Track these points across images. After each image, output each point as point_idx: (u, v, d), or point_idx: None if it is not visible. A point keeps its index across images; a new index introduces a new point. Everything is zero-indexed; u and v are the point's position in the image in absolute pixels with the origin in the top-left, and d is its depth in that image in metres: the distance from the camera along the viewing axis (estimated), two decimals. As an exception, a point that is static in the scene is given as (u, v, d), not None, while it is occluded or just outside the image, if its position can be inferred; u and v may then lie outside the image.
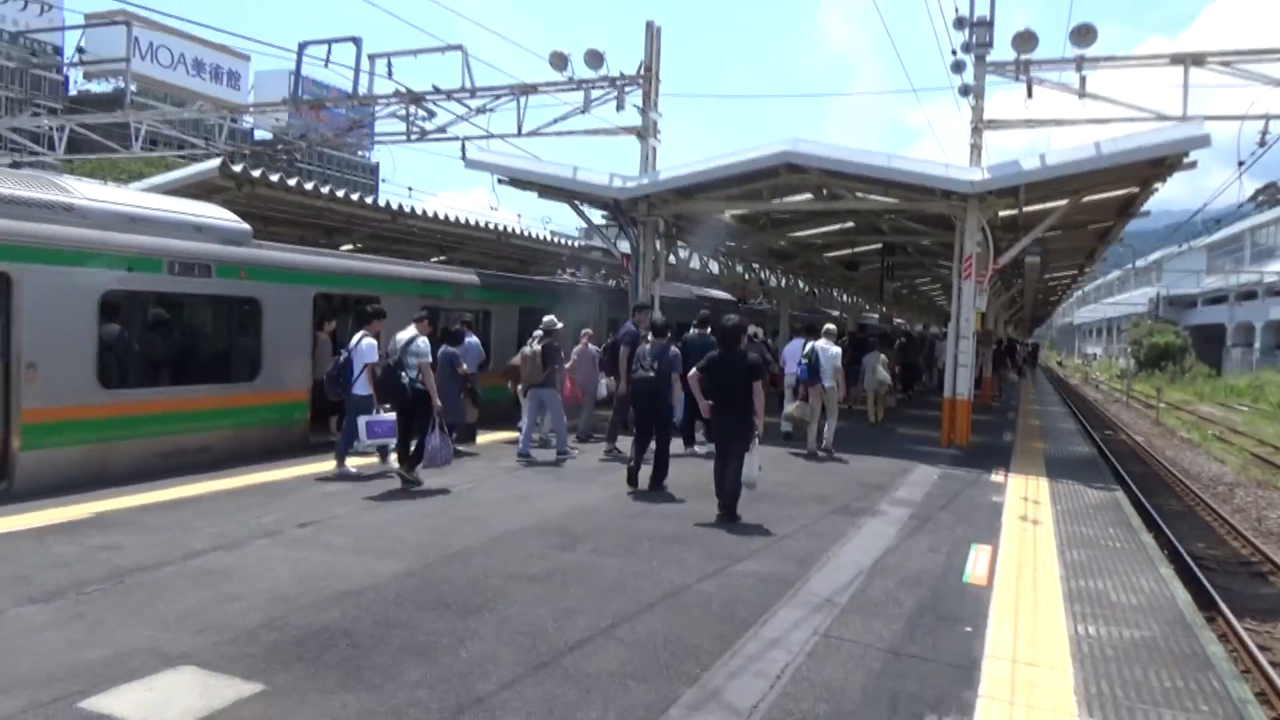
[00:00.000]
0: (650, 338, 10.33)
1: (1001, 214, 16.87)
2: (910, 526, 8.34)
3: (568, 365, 13.02)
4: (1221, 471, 22.06)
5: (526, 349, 11.88)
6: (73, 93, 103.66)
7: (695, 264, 20.00)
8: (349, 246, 20.68)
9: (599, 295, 19.58)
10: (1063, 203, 14.64)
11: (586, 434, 13.31)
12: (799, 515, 8.54)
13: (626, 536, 7.33)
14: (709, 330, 11.49)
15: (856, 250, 25.87)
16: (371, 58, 18.71)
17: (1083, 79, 14.06)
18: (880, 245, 23.63)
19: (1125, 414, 38.85)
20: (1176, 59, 13.88)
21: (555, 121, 17.26)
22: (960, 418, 14.38)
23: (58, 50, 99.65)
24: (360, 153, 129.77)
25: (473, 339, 12.71)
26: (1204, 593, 10.93)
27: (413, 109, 18.64)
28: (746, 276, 23.89)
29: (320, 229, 19.38)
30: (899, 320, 47.50)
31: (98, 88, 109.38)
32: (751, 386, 8.23)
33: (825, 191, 16.54)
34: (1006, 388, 31.87)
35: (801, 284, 28.67)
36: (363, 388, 9.47)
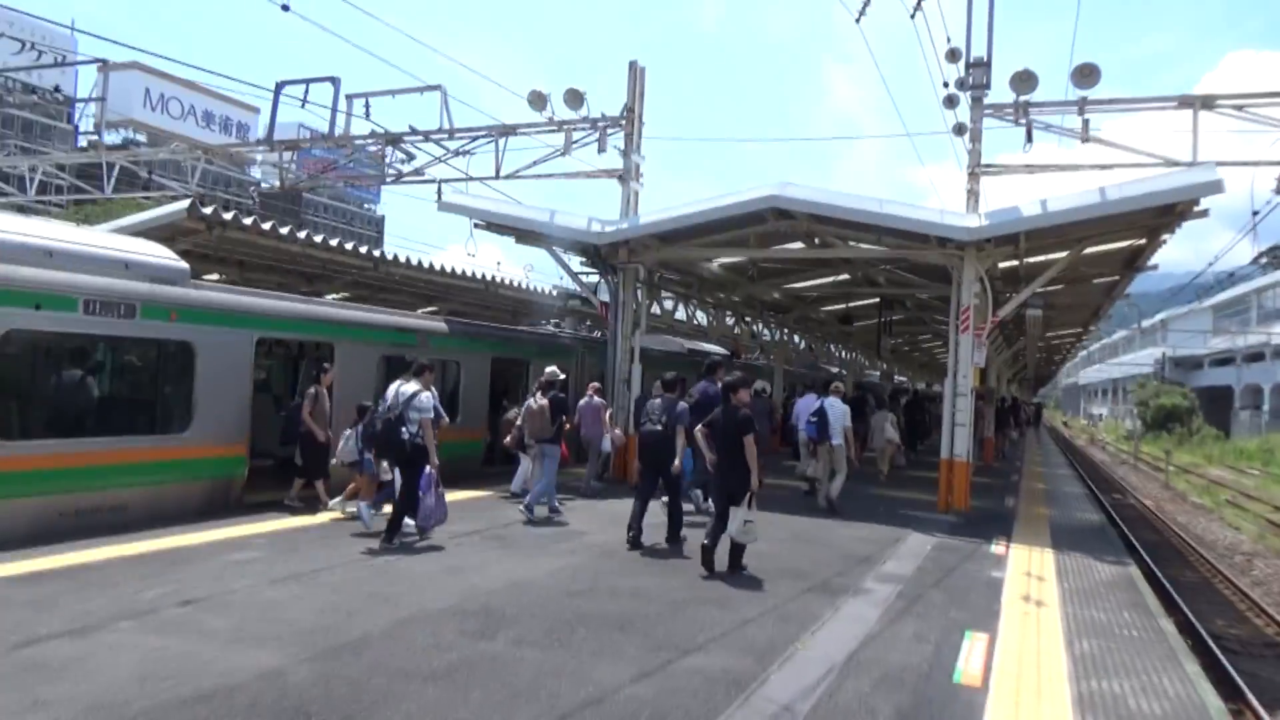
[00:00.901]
0: (661, 392, 10.17)
1: (1001, 265, 16.03)
2: (896, 608, 7.29)
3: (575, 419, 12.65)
4: (1237, 540, 20.86)
5: (532, 402, 11.39)
6: (82, 144, 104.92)
7: (681, 314, 19.12)
8: (335, 296, 19.95)
9: (579, 345, 18.68)
10: (1065, 254, 13.76)
11: (593, 489, 13.08)
12: (770, 594, 7.50)
13: (562, 620, 6.30)
14: (714, 378, 10.94)
15: (852, 305, 25.08)
16: (349, 98, 18.05)
17: (1085, 122, 13.27)
18: (877, 299, 22.86)
19: (1133, 477, 37.62)
20: (1185, 101, 13.10)
21: (535, 164, 16.53)
22: (959, 481, 13.34)
23: (69, 100, 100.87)
24: (366, 205, 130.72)
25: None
26: (1228, 679, 9.83)
27: (390, 150, 17.95)
28: (738, 329, 22.99)
29: (300, 276, 18.59)
30: (901, 378, 46.60)
31: (109, 138, 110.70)
32: (743, 442, 8.18)
33: (817, 240, 15.73)
34: (1010, 448, 30.75)
35: (797, 339, 27.77)
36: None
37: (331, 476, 10.95)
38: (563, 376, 12.07)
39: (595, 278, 16.46)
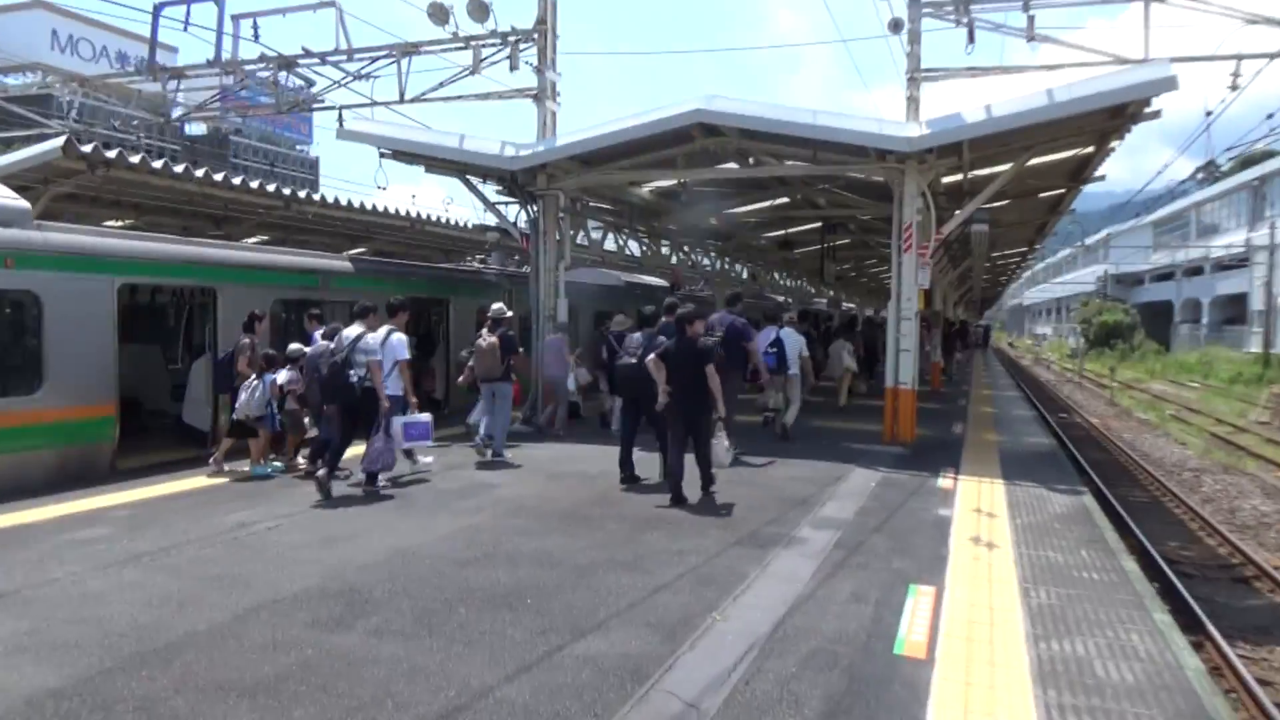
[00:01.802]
0: (640, 327, 10.14)
1: (945, 181, 15.18)
2: (833, 561, 6.47)
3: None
4: (1184, 455, 20.64)
5: (482, 341, 10.88)
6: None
7: (611, 245, 18.02)
8: (254, 240, 18.49)
9: (507, 282, 17.54)
10: (1011, 165, 12.87)
11: (556, 427, 12.94)
12: (692, 549, 6.63)
13: (441, 599, 5.36)
14: (736, 309, 11.45)
15: (794, 230, 24.12)
16: (235, 19, 16.43)
17: (1031, 19, 12.31)
18: (820, 224, 21.94)
19: (1079, 394, 37.68)
20: (1136, -7, 12.19)
21: (441, 85, 15.17)
22: (905, 410, 12.60)
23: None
24: (298, 147, 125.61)
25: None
26: (1186, 608, 9.31)
27: (284, 75, 16.42)
28: (674, 259, 21.95)
29: (208, 219, 17.12)
30: (849, 305, 46.05)
31: (13, 82, 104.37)
32: (704, 371, 8.27)
33: (752, 160, 14.67)
34: (958, 371, 30.39)
35: (739, 268, 26.83)
36: (395, 387, 8.99)
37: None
38: (509, 314, 11.43)
39: (516, 208, 15.31)
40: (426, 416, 9.36)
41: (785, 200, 19.54)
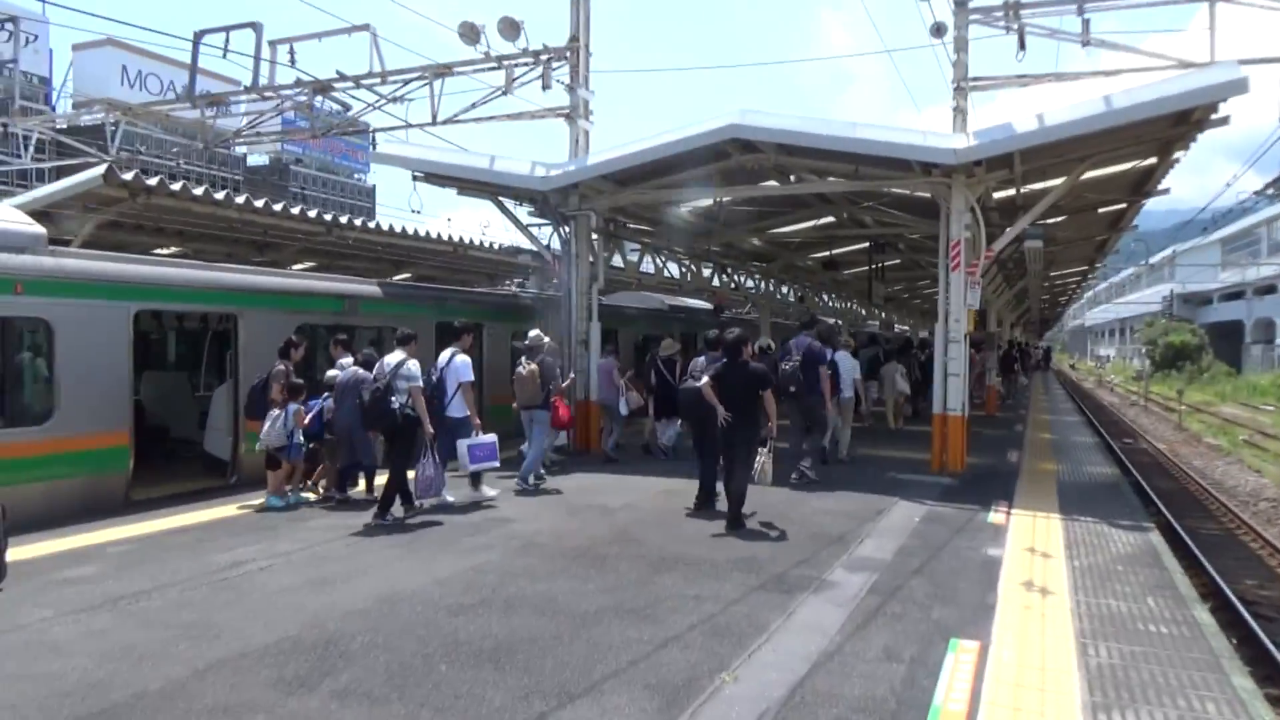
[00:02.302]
0: (707, 350, 10.17)
1: (997, 196, 14.48)
2: (865, 609, 5.85)
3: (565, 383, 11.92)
4: (1259, 484, 19.38)
5: (522, 369, 10.73)
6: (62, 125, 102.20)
7: (649, 267, 17.54)
8: (302, 266, 18.47)
9: (543, 307, 17.15)
10: (1065, 179, 12.11)
11: (608, 450, 12.80)
12: (710, 595, 6.06)
13: (423, 653, 4.87)
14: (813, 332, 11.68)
15: (840, 251, 23.42)
16: (273, 44, 16.40)
17: (1085, 22, 11.61)
18: (868, 244, 21.25)
19: (1144, 419, 36.14)
20: (1200, -8, 11.42)
21: (474, 106, 14.89)
22: (954, 438, 11.88)
23: (44, 81, 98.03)
24: (356, 175, 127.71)
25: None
26: (1266, 657, 8.48)
27: (320, 101, 16.32)
28: (716, 281, 21.39)
29: (250, 245, 17.10)
30: (902, 326, 44.97)
31: (88, 117, 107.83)
32: (759, 396, 8.46)
33: (794, 178, 14.11)
34: (1016, 395, 29.29)
35: (785, 289, 26.15)
36: (459, 409, 9.25)
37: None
38: (547, 340, 11.32)
39: (550, 230, 14.93)
40: (492, 438, 9.36)
41: (830, 220, 18.92)
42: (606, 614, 5.60)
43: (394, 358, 8.72)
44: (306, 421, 9.37)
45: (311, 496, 9.78)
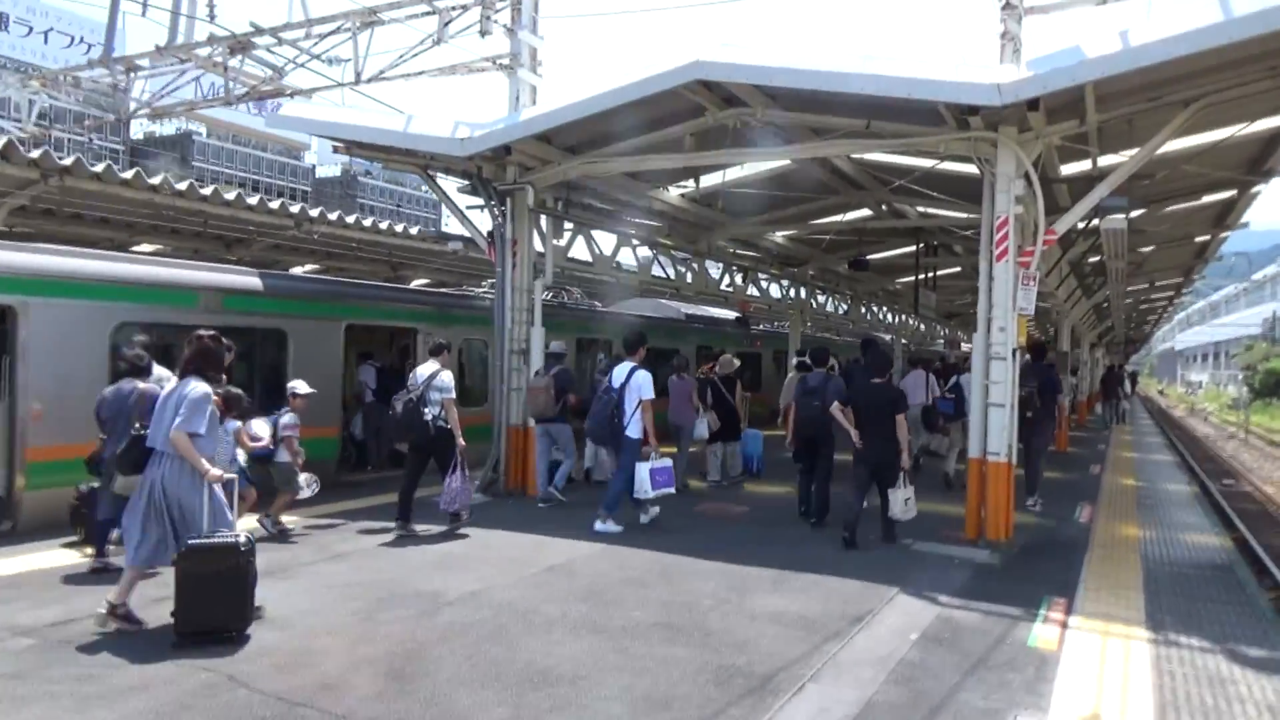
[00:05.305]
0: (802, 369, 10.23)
1: (1068, 172, 11.10)
2: None
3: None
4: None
5: (537, 380, 10.13)
6: (137, 135, 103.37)
7: (631, 260, 14.30)
8: (307, 269, 16.11)
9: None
10: (1165, 132, 8.65)
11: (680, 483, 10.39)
12: None
13: None
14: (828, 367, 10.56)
15: (886, 254, 19.97)
16: (191, -3, 13.88)
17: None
18: (916, 244, 17.83)
19: (1245, 454, 31.51)
20: None
21: (401, 59, 12.03)
22: (996, 494, 8.47)
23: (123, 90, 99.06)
24: (423, 187, 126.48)
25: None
26: None
27: (240, 60, 13.67)
28: (725, 284, 18.09)
29: (217, 240, 14.68)
30: (970, 344, 40.94)
31: (163, 129, 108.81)
32: (894, 420, 8.32)
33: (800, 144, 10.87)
34: (1093, 424, 25.31)
35: (822, 297, 22.71)
36: (636, 430, 8.87)
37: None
38: (564, 350, 10.68)
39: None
40: (668, 461, 9.07)
41: (867, 213, 15.62)
42: None
43: (427, 368, 8.60)
44: (260, 443, 7.90)
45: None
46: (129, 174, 11.11)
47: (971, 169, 9.43)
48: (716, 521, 9.51)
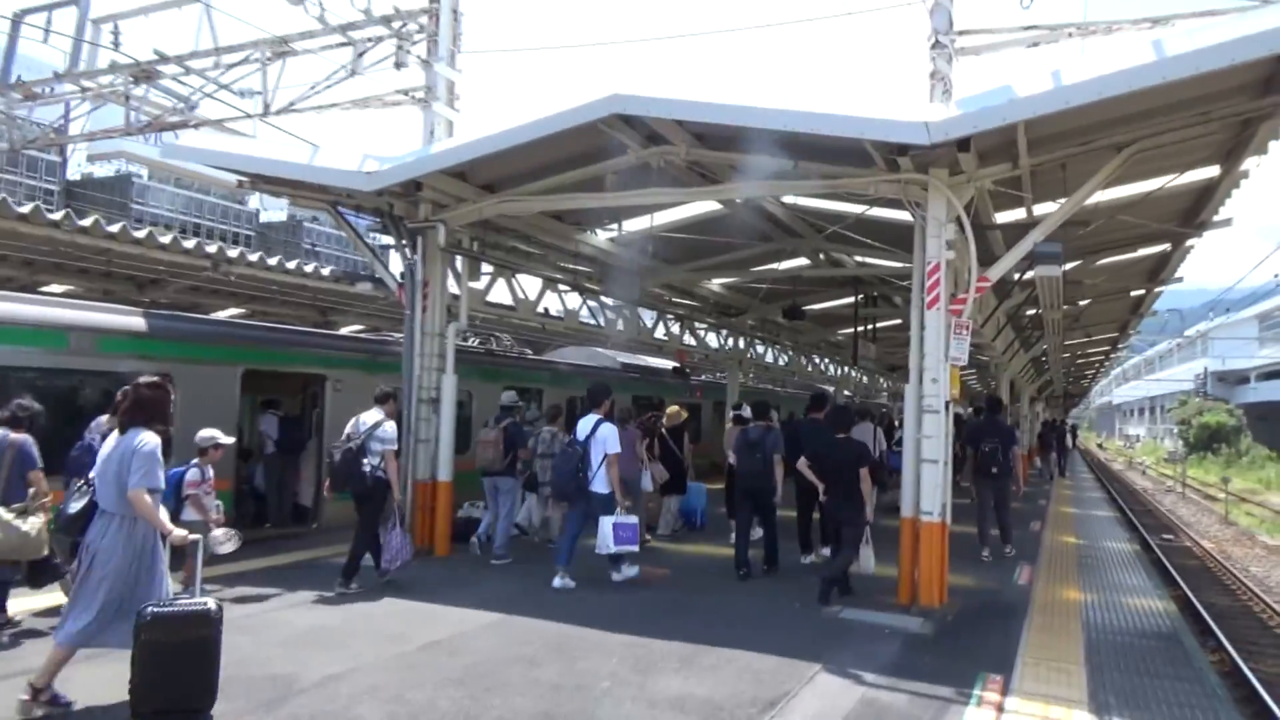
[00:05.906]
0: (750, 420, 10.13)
1: (1003, 220, 10.81)
2: None
3: None
4: (1345, 604, 15.14)
5: (487, 432, 9.95)
6: (74, 175, 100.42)
7: (556, 307, 13.72)
8: (230, 313, 15.04)
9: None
10: (1099, 176, 8.34)
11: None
12: None
13: None
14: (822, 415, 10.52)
15: (825, 305, 19.69)
16: (95, 24, 13.19)
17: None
18: (855, 295, 17.49)
19: (1183, 508, 31.65)
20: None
21: (314, 90, 11.42)
22: (929, 556, 7.93)
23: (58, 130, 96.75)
24: (372, 234, 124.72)
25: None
26: None
27: (145, 89, 12.94)
28: (658, 332, 17.56)
29: (128, 281, 13.64)
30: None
31: (100, 171, 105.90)
32: (859, 474, 8.21)
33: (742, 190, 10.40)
34: (1033, 479, 25.10)
35: (761, 348, 22.31)
36: (603, 485, 8.59)
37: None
38: (520, 403, 10.67)
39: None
40: (635, 519, 8.78)
41: (805, 261, 15.28)
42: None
43: (371, 416, 8.26)
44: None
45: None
46: (26, 208, 10.25)
47: (906, 216, 9.02)
48: (634, 585, 8.81)
